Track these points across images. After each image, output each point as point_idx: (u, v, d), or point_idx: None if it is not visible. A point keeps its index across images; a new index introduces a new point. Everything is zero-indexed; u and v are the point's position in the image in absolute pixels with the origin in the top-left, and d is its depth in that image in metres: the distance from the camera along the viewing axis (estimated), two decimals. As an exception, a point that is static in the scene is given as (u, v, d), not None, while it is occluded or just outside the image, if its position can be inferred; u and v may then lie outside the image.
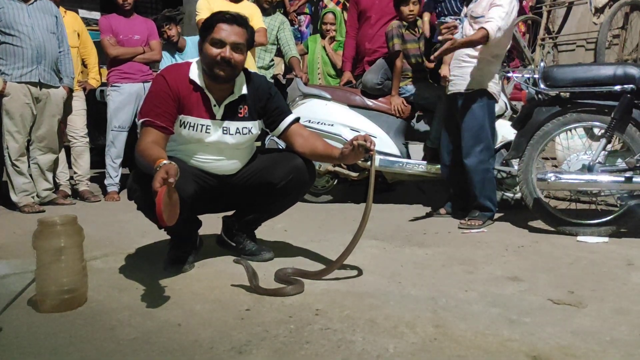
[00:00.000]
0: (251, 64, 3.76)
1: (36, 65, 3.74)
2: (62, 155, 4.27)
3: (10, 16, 3.65)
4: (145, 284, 2.01)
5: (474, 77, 3.09)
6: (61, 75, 3.97)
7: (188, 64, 2.17)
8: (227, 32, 2.06)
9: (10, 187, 3.80)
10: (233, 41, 2.07)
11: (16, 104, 3.70)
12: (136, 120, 4.37)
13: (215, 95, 2.14)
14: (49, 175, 4.01)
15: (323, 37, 4.85)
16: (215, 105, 2.14)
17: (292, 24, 6.79)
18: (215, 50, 2.06)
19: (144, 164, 1.91)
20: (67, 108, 4.15)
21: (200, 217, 2.39)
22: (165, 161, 1.78)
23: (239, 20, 2.10)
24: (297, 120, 2.27)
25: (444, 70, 3.14)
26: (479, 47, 3.07)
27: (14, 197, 3.77)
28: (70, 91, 4.08)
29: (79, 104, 4.32)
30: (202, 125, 2.13)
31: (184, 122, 2.12)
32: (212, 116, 2.14)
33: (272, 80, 4.49)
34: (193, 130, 2.13)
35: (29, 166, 3.87)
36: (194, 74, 2.13)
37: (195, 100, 2.12)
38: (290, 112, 2.28)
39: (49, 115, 3.87)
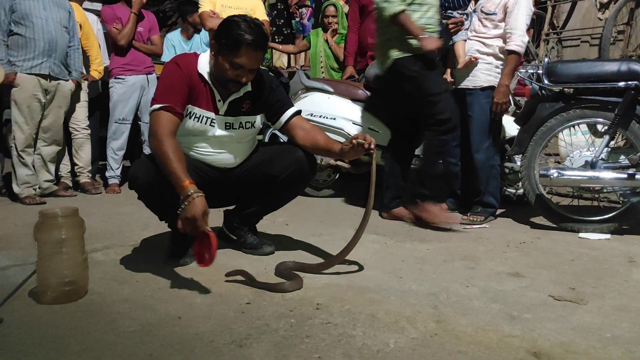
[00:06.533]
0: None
1: (47, 57, 3.76)
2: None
3: (26, 7, 3.67)
4: (146, 277, 2.01)
5: (483, 74, 3.08)
6: (70, 69, 4.00)
7: (196, 56, 2.15)
8: (250, 59, 2.00)
9: (13, 178, 3.81)
10: (253, 67, 2.04)
11: (25, 95, 3.71)
12: (137, 112, 4.42)
13: (220, 91, 2.13)
14: (51, 167, 4.01)
15: (325, 30, 4.83)
16: (219, 101, 2.13)
17: (293, 17, 6.77)
18: (233, 72, 2.02)
19: (166, 168, 1.88)
20: (74, 101, 4.16)
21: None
22: (192, 190, 1.80)
23: (263, 43, 2.03)
24: (298, 113, 2.26)
25: (463, 61, 3.12)
26: (489, 42, 3.06)
27: (16, 188, 3.78)
28: (78, 85, 4.10)
29: (81, 96, 4.31)
30: (207, 117, 2.13)
31: (190, 112, 2.11)
32: (215, 111, 2.14)
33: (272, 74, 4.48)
34: (198, 122, 2.13)
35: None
36: (203, 68, 2.10)
37: (202, 92, 2.11)
38: (291, 105, 2.28)
39: (55, 106, 3.90)
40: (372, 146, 1.97)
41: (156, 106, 2.00)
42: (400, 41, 2.92)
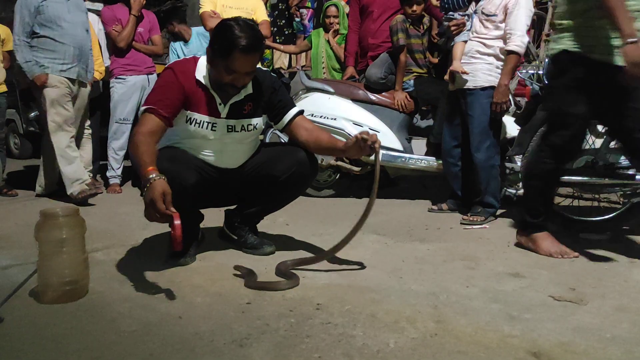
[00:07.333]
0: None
1: (77, 62, 3.74)
2: None
3: (53, 10, 3.62)
4: (147, 277, 2.02)
5: (483, 74, 3.08)
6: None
7: (195, 61, 2.14)
8: (243, 63, 1.98)
9: (64, 182, 3.70)
10: (248, 71, 2.03)
11: (60, 93, 3.67)
12: (138, 112, 4.42)
13: (220, 94, 2.12)
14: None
15: (326, 30, 4.83)
16: (220, 104, 2.12)
17: (294, 18, 6.77)
18: (228, 77, 2.02)
19: (135, 158, 1.91)
20: (88, 103, 4.13)
21: (203, 210, 2.39)
22: (153, 174, 1.77)
23: (256, 46, 1.99)
24: (300, 112, 2.26)
25: (456, 66, 3.12)
26: (490, 43, 3.06)
27: (69, 190, 3.67)
28: (91, 86, 4.08)
29: None
30: (208, 122, 2.13)
31: (190, 118, 2.11)
32: (217, 114, 2.13)
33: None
34: (199, 127, 2.13)
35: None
36: (200, 73, 2.10)
37: (201, 97, 2.10)
38: (293, 105, 2.27)
39: (77, 108, 3.87)
40: (377, 145, 1.97)
41: (142, 108, 2.05)
42: (579, 30, 2.16)
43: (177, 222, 1.70)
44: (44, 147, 3.90)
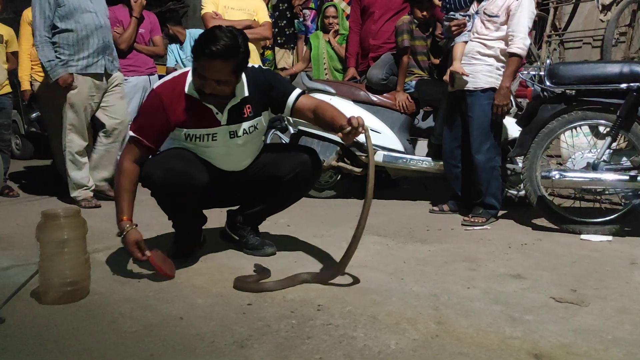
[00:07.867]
0: (255, 59, 3.73)
1: (102, 55, 3.57)
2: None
3: (74, 0, 3.44)
4: (148, 277, 2.02)
5: (483, 75, 3.08)
6: None
7: (184, 77, 2.09)
8: (207, 69, 1.94)
9: (69, 184, 3.65)
10: (214, 78, 1.97)
11: (82, 97, 3.53)
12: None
13: (215, 104, 2.09)
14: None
15: (326, 31, 4.83)
16: (217, 113, 2.10)
17: (296, 18, 6.77)
18: (199, 82, 2.00)
19: (116, 194, 2.10)
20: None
21: (205, 211, 2.39)
22: (127, 225, 1.99)
23: (223, 54, 1.90)
24: (302, 94, 2.18)
25: (455, 67, 3.11)
26: (491, 44, 3.06)
27: (73, 193, 3.63)
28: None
29: None
30: (208, 134, 2.11)
31: (189, 135, 2.10)
32: (216, 123, 2.11)
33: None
34: (200, 140, 2.12)
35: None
36: (190, 87, 2.06)
37: (196, 112, 2.08)
38: (293, 89, 2.19)
39: (118, 99, 3.74)
40: (361, 129, 1.88)
41: (131, 133, 2.10)
42: None
43: (154, 263, 1.98)
44: (52, 138, 3.83)
